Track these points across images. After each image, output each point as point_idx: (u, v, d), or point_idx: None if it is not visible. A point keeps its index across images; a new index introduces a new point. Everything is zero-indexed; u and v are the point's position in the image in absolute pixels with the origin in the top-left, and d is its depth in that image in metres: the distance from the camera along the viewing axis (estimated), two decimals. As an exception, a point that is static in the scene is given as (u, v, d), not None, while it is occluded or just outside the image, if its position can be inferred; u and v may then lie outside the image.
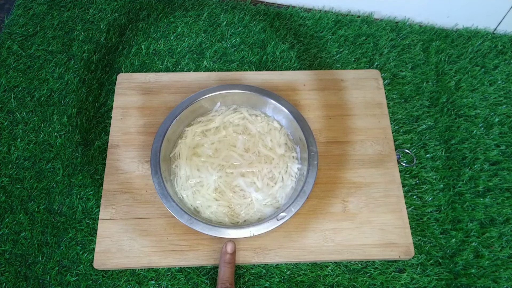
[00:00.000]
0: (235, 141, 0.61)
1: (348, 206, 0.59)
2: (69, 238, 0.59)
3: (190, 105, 0.60)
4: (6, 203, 0.61)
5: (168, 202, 0.53)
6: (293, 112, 0.59)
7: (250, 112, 0.63)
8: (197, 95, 0.60)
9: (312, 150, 0.56)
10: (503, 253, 0.59)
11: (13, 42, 0.74)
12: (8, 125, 0.67)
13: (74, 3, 0.79)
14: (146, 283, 0.56)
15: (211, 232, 0.52)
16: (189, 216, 0.53)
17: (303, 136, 0.58)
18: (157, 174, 0.55)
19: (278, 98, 0.60)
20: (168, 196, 0.54)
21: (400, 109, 0.69)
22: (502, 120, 0.69)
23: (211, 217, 0.56)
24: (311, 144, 0.57)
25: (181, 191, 0.58)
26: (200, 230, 0.52)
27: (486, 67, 0.74)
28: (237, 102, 0.63)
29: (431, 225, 0.61)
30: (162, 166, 0.56)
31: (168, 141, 0.59)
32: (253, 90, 0.61)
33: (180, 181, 0.58)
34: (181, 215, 0.53)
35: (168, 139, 0.59)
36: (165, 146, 0.58)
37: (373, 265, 0.58)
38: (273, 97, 0.60)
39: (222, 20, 0.77)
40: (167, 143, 0.58)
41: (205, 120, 0.62)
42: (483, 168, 0.65)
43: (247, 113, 0.63)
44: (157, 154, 0.56)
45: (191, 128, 0.62)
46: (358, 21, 0.78)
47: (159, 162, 0.56)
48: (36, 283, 0.56)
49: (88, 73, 0.71)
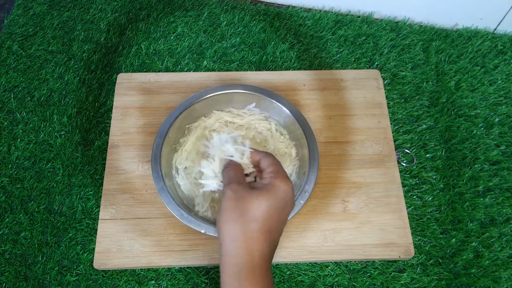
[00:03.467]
0: None
1: (348, 206, 0.59)
2: (69, 238, 0.59)
3: (191, 105, 0.60)
4: (6, 203, 0.61)
5: (169, 202, 0.53)
6: (294, 112, 0.59)
7: (277, 126, 0.61)
8: (198, 95, 0.60)
9: (313, 151, 0.56)
10: (503, 253, 0.59)
11: (13, 42, 0.74)
12: (8, 125, 0.67)
13: (74, 3, 0.79)
14: (146, 283, 0.56)
15: (211, 232, 0.52)
16: (189, 216, 0.52)
17: (304, 136, 0.57)
18: (157, 173, 0.55)
19: (278, 97, 0.60)
20: (169, 196, 0.53)
21: (400, 109, 0.69)
22: (502, 120, 0.69)
23: (210, 216, 0.56)
24: (312, 145, 0.57)
25: (181, 187, 0.57)
26: (200, 230, 0.52)
27: (486, 67, 0.74)
28: (238, 102, 0.63)
29: (431, 225, 0.61)
30: (163, 163, 0.56)
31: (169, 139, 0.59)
32: (254, 90, 0.61)
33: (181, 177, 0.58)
34: (182, 215, 0.52)
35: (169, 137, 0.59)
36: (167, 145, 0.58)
37: (373, 265, 0.58)
38: (274, 96, 0.60)
39: (222, 20, 0.77)
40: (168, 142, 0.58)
41: (235, 114, 0.62)
42: (483, 168, 0.65)
43: (274, 126, 0.61)
44: (158, 151, 0.56)
45: (219, 113, 0.61)
46: (358, 21, 0.78)
47: (160, 162, 0.55)
48: (36, 283, 0.56)
49: (88, 73, 0.71)
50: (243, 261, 0.40)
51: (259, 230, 0.41)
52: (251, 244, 0.41)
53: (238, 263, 0.40)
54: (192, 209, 0.56)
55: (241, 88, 0.61)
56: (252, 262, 0.40)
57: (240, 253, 0.40)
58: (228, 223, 0.42)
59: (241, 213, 0.41)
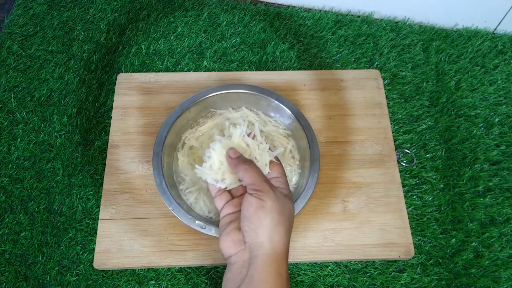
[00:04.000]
0: None
1: (348, 206, 0.59)
2: (69, 238, 0.59)
3: (200, 100, 0.60)
4: (6, 203, 0.61)
5: (165, 194, 0.53)
6: (295, 112, 0.59)
7: (293, 148, 0.60)
8: (199, 94, 0.60)
9: (315, 152, 0.56)
10: (503, 253, 0.59)
11: (13, 42, 0.74)
12: (8, 125, 0.67)
13: (74, 3, 0.79)
14: (146, 283, 0.56)
15: (211, 232, 0.52)
16: (190, 216, 0.53)
17: (305, 137, 0.57)
18: (158, 173, 0.55)
19: (280, 98, 0.60)
20: (170, 196, 0.53)
21: (400, 109, 0.69)
22: (502, 120, 0.69)
23: (209, 215, 0.56)
24: (313, 146, 0.57)
25: (184, 192, 0.58)
26: (191, 225, 0.52)
27: (486, 67, 0.74)
28: (239, 102, 0.63)
29: (431, 225, 0.61)
30: (164, 161, 0.56)
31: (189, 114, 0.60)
32: (255, 90, 0.61)
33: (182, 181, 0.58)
34: (184, 216, 0.53)
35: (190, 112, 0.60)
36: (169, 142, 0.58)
37: (373, 265, 0.58)
38: (275, 97, 0.60)
39: (222, 20, 0.77)
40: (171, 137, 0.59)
41: (261, 118, 0.61)
42: (483, 168, 0.65)
43: (290, 147, 0.60)
44: (159, 149, 0.56)
45: (247, 111, 0.61)
46: (358, 21, 0.78)
47: (161, 160, 0.56)
48: (36, 283, 0.56)
49: (88, 73, 0.71)
50: (282, 250, 0.44)
51: (291, 229, 0.47)
52: (287, 240, 0.45)
53: (278, 259, 0.44)
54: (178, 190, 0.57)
55: (243, 88, 0.61)
56: (286, 253, 0.45)
57: (282, 249, 0.44)
58: (278, 224, 0.44)
59: (287, 216, 0.45)
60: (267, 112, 0.63)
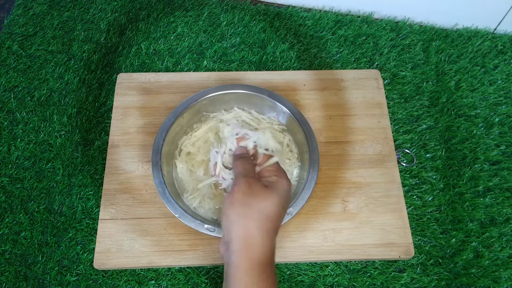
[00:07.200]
0: None
1: (348, 206, 0.59)
2: (69, 238, 0.59)
3: (192, 105, 0.60)
4: (6, 203, 0.61)
5: (169, 202, 0.53)
6: (294, 113, 0.59)
7: (290, 142, 0.61)
8: (199, 94, 0.60)
9: (314, 152, 0.56)
10: (503, 253, 0.59)
11: (13, 42, 0.74)
12: (8, 125, 0.67)
13: (74, 3, 0.79)
14: (146, 283, 0.56)
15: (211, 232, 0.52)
16: (190, 216, 0.52)
17: (304, 137, 0.57)
18: (158, 173, 0.55)
19: (279, 98, 0.60)
20: (176, 204, 0.53)
21: (400, 109, 0.69)
22: (502, 120, 0.69)
23: (210, 215, 0.56)
24: (313, 146, 0.57)
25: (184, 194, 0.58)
26: (200, 229, 0.52)
27: (486, 67, 0.74)
28: (239, 102, 0.63)
29: (431, 225, 0.61)
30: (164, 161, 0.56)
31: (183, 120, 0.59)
32: (255, 90, 0.60)
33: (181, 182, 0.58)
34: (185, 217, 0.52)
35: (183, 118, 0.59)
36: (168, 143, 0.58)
37: (373, 265, 0.58)
38: (274, 97, 0.60)
39: (222, 20, 0.77)
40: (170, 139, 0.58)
41: (254, 117, 0.61)
42: (483, 168, 0.65)
43: (287, 141, 0.60)
44: (158, 149, 0.56)
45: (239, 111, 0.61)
46: (358, 21, 0.78)
47: (161, 159, 0.55)
48: (36, 283, 0.56)
49: (88, 73, 0.71)
50: (259, 256, 0.41)
51: (272, 229, 0.43)
52: (266, 241, 0.42)
53: (254, 258, 0.41)
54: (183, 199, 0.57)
55: (243, 88, 0.61)
56: (266, 258, 0.41)
57: (258, 250, 0.41)
58: (245, 218, 0.42)
59: (257, 209, 0.42)
60: (263, 111, 0.62)
